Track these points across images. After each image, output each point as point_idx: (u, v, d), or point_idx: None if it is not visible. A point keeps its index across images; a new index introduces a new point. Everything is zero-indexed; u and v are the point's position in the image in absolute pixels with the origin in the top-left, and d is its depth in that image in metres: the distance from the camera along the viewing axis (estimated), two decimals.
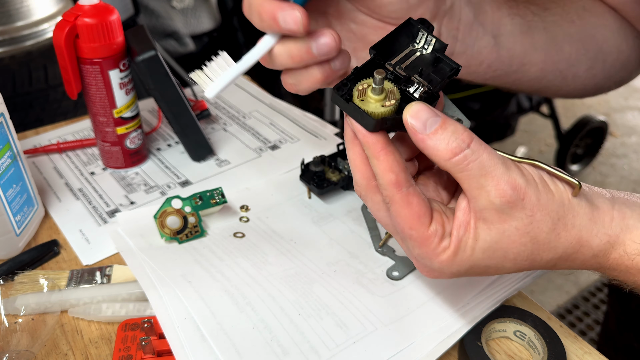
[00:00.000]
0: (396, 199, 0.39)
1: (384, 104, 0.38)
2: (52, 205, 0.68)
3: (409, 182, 0.39)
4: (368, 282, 0.54)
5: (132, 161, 0.73)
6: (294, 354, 0.47)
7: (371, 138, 0.39)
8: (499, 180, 0.37)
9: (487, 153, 0.38)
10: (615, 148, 2.48)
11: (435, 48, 0.41)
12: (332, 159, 0.68)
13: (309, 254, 0.58)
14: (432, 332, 0.49)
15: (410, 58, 0.41)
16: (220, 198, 0.61)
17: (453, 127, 0.37)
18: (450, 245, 0.40)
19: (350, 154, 0.42)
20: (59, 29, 0.62)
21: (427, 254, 0.40)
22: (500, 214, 0.38)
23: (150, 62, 0.65)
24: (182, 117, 0.71)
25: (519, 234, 0.39)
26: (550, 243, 0.39)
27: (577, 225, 0.39)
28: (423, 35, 0.41)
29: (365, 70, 0.40)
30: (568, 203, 0.39)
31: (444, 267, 0.40)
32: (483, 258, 0.40)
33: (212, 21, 2.19)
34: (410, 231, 0.40)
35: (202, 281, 0.54)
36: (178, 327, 0.49)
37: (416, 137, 0.38)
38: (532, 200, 0.38)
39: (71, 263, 0.60)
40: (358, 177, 0.42)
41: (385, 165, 0.39)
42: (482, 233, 0.39)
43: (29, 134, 0.81)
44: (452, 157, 0.37)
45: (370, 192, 0.42)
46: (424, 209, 0.39)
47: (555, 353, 0.47)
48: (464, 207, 0.40)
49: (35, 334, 0.51)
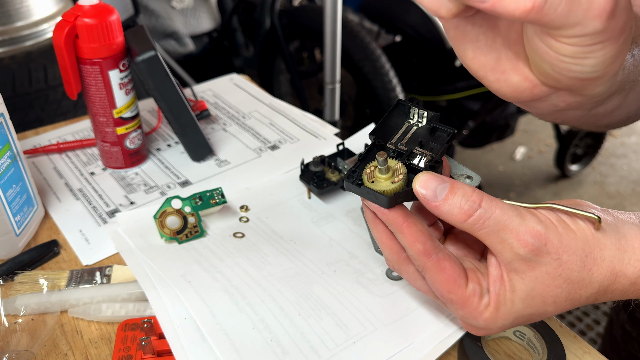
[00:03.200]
0: (428, 266, 0.41)
1: (393, 181, 0.40)
2: (52, 206, 0.68)
3: (437, 248, 0.41)
4: (368, 282, 0.54)
5: (132, 161, 0.73)
6: (294, 354, 0.47)
7: (390, 215, 0.40)
8: (518, 232, 0.38)
9: (499, 208, 0.38)
10: (614, 148, 2.48)
11: (429, 119, 0.44)
12: (331, 159, 0.68)
13: (309, 254, 0.58)
14: (432, 332, 0.49)
15: (408, 134, 0.44)
16: (220, 198, 0.61)
17: (462, 190, 0.39)
18: (490, 301, 0.41)
19: (375, 232, 0.44)
20: (58, 29, 0.62)
21: (470, 313, 0.41)
22: (529, 263, 0.39)
23: (150, 62, 0.65)
24: (182, 117, 0.71)
25: (551, 277, 0.39)
26: (584, 280, 0.39)
27: (607, 257, 0.39)
28: (415, 111, 0.45)
29: (369, 155, 0.43)
30: (592, 238, 0.39)
31: (489, 324, 0.41)
32: (524, 307, 0.40)
33: (212, 21, 2.19)
34: (450, 295, 0.41)
35: (202, 281, 0.54)
36: (178, 327, 0.49)
37: (429, 206, 0.39)
38: (554, 243, 0.38)
39: (71, 263, 0.60)
40: (387, 253, 0.44)
41: (411, 237, 0.40)
42: (516, 284, 0.40)
43: (28, 134, 0.81)
44: (467, 219, 0.38)
45: (403, 264, 0.44)
46: (457, 271, 0.41)
47: (555, 353, 0.47)
48: (494, 262, 0.41)
49: (35, 334, 0.51)
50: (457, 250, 0.46)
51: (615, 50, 0.34)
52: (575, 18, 0.31)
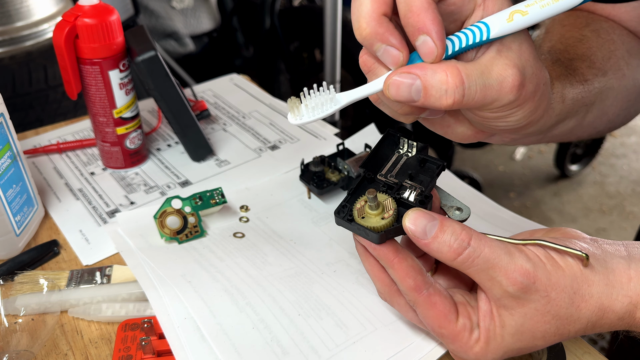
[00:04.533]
0: (420, 302, 0.41)
1: (383, 217, 0.41)
2: (52, 206, 0.68)
3: (427, 283, 0.41)
4: (368, 282, 0.54)
5: (132, 161, 0.73)
6: (294, 354, 0.47)
7: (381, 250, 0.41)
8: (507, 270, 0.39)
9: (488, 247, 0.39)
10: (614, 148, 2.48)
11: (418, 149, 0.45)
12: (331, 159, 0.68)
13: (309, 254, 0.58)
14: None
15: (398, 164, 0.45)
16: (220, 198, 0.61)
17: (451, 229, 0.39)
18: (481, 336, 0.41)
19: (366, 265, 0.45)
20: (58, 29, 0.62)
21: (461, 348, 0.42)
22: (517, 300, 0.39)
23: (150, 63, 0.65)
24: (182, 117, 0.71)
25: (540, 314, 0.40)
26: (572, 316, 0.40)
27: (595, 293, 0.40)
28: (404, 142, 0.45)
29: (359, 189, 0.43)
30: (580, 275, 0.40)
31: (479, 358, 0.42)
32: (514, 342, 0.41)
33: (212, 21, 2.19)
34: (441, 330, 0.42)
35: (202, 281, 0.54)
36: (178, 327, 0.49)
37: (419, 243, 0.40)
38: (543, 281, 0.39)
39: (71, 263, 0.60)
40: (379, 285, 0.45)
41: (402, 273, 0.41)
42: (506, 319, 0.40)
43: (28, 134, 0.81)
44: (456, 257, 0.39)
45: (394, 297, 0.45)
46: (448, 306, 0.41)
47: (555, 353, 0.47)
48: (483, 297, 0.41)
49: (35, 334, 0.51)
50: (447, 282, 0.46)
51: (533, 107, 0.39)
52: (491, 98, 0.37)
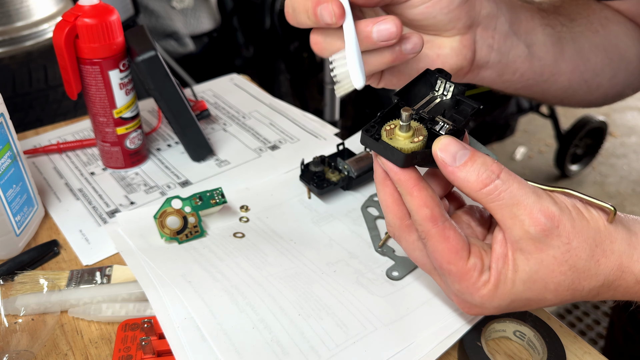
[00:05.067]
0: (432, 233, 0.39)
1: (412, 140, 0.39)
2: (52, 206, 0.68)
3: (444, 216, 0.40)
4: (368, 282, 0.54)
5: (132, 161, 0.73)
6: (294, 354, 0.47)
7: (403, 175, 0.39)
8: (532, 209, 0.37)
9: (517, 183, 0.38)
10: (614, 148, 2.48)
11: (454, 93, 0.43)
12: (331, 159, 0.68)
13: (309, 254, 0.58)
14: (432, 332, 0.49)
15: (432, 104, 0.43)
16: (220, 198, 0.61)
17: (482, 159, 0.38)
18: (491, 278, 0.39)
19: (382, 195, 0.42)
20: (58, 29, 0.62)
21: (467, 288, 0.40)
22: (537, 243, 0.38)
23: (150, 63, 0.65)
24: (182, 117, 0.71)
25: (557, 262, 0.38)
26: (590, 270, 0.39)
27: (616, 251, 0.39)
28: (442, 84, 0.43)
29: (390, 114, 0.41)
30: (604, 229, 0.39)
31: (485, 302, 0.40)
32: (524, 290, 0.39)
33: (212, 21, 2.19)
34: (449, 266, 0.40)
35: (202, 281, 0.54)
36: (178, 327, 0.49)
37: (446, 170, 0.38)
38: (567, 227, 0.38)
39: (71, 263, 0.60)
40: (390, 217, 0.43)
41: (419, 201, 0.39)
42: (520, 264, 0.39)
43: (29, 134, 0.81)
44: (482, 187, 0.38)
45: (404, 231, 0.42)
46: (461, 242, 0.39)
47: (555, 353, 0.47)
48: (500, 240, 0.40)
49: (35, 334, 0.51)
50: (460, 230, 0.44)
51: None
52: None
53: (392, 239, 0.59)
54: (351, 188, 0.67)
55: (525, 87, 0.57)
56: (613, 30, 0.61)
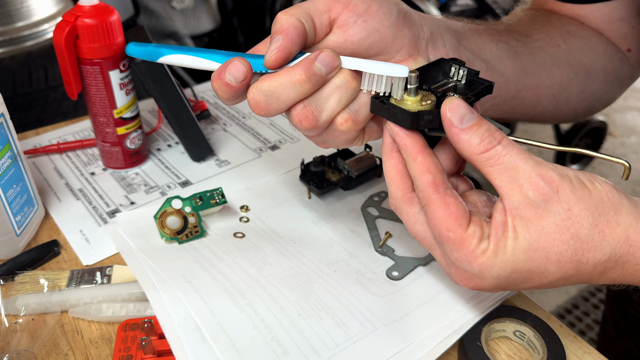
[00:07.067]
0: (433, 199, 0.39)
1: (420, 104, 0.40)
2: (52, 206, 0.68)
3: (446, 183, 0.40)
4: (368, 282, 0.54)
5: (132, 161, 0.73)
6: (294, 354, 0.47)
7: (409, 139, 0.40)
8: (531, 173, 0.37)
9: (517, 149, 0.38)
10: (614, 148, 2.48)
11: (467, 76, 0.44)
12: (332, 159, 0.68)
13: (309, 254, 0.58)
14: (432, 332, 0.49)
15: (445, 87, 0.43)
16: (220, 198, 0.61)
17: (487, 126, 0.39)
18: (490, 246, 0.39)
19: (387, 165, 0.43)
20: (59, 29, 0.62)
21: (465, 256, 0.39)
22: (536, 209, 0.37)
23: (150, 63, 0.65)
24: (182, 118, 0.71)
25: (558, 230, 0.37)
26: (594, 241, 0.37)
27: (622, 223, 0.38)
28: (456, 69, 0.44)
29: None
30: (608, 201, 0.38)
31: (484, 270, 0.39)
32: (524, 259, 0.38)
33: (212, 22, 2.19)
34: (448, 232, 0.39)
35: (202, 281, 0.54)
36: (178, 327, 0.49)
37: (451, 131, 0.39)
38: (567, 193, 0.37)
39: (71, 263, 0.60)
40: (394, 189, 0.43)
41: (423, 167, 0.39)
42: (520, 231, 0.38)
43: (29, 135, 0.82)
44: (484, 151, 0.38)
45: (406, 204, 0.42)
46: (461, 210, 0.39)
47: (555, 353, 0.47)
48: (500, 208, 0.39)
49: (35, 334, 0.51)
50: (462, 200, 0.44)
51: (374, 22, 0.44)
52: None
53: (392, 239, 0.59)
54: (351, 188, 0.67)
55: (494, 106, 0.57)
56: (576, 45, 0.61)
